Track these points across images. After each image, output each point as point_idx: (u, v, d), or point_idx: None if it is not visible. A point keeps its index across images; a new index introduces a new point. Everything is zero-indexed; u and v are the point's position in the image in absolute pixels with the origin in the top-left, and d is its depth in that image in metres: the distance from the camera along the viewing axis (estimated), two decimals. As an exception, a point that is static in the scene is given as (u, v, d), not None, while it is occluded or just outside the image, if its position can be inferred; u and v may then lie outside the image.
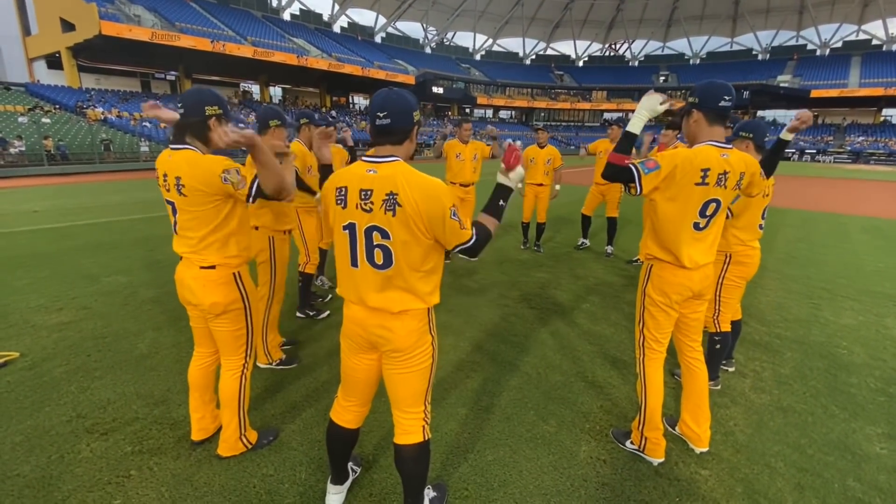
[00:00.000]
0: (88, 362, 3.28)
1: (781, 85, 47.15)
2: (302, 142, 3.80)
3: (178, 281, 2.19)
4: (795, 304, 4.71)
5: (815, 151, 41.88)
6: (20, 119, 21.93)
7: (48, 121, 22.41)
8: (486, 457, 2.39)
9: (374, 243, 1.57)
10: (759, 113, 53.15)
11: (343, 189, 1.60)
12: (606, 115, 59.62)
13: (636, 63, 63.44)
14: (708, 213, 2.12)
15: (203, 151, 2.11)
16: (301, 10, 46.26)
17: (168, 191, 2.08)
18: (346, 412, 1.90)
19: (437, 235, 1.58)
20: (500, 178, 1.75)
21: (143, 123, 25.77)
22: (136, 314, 4.13)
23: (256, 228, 3.05)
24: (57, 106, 25.25)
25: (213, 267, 2.12)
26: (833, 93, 43.76)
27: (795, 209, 11.65)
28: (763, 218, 2.88)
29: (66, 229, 7.72)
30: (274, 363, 3.25)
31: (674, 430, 2.63)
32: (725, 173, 2.07)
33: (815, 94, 44.16)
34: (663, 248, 2.20)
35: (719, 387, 3.09)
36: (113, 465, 2.28)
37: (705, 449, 2.48)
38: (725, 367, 3.31)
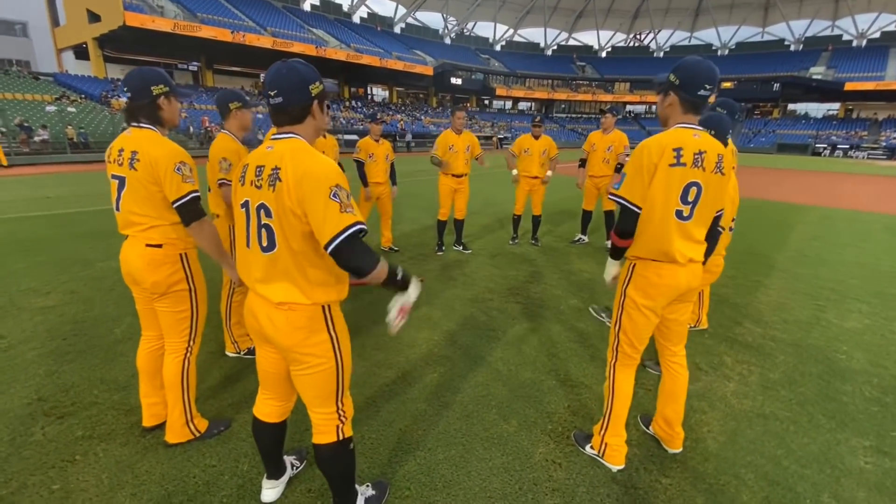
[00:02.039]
0: (63, 346, 3.31)
1: (814, 77, 45.15)
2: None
3: (122, 259, 2.16)
4: (798, 305, 4.47)
5: (847, 147, 40.08)
6: (48, 108, 22.58)
7: (73, 110, 23.04)
8: (436, 455, 2.31)
9: (262, 222, 1.49)
10: (790, 106, 51.21)
11: (246, 166, 1.54)
12: (629, 108, 58.27)
13: (661, 54, 61.61)
14: (689, 198, 1.94)
15: (162, 133, 2.11)
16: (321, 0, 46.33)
17: (120, 165, 2.05)
18: (265, 405, 1.83)
19: (314, 219, 1.41)
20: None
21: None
22: (119, 300, 4.17)
23: (217, 217, 3.01)
24: (83, 95, 25.93)
25: (159, 245, 2.08)
26: (869, 86, 41.66)
27: (815, 206, 11.13)
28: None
29: (73, 215, 7.89)
30: (242, 352, 3.22)
31: (648, 429, 2.52)
32: (702, 152, 1.90)
33: (849, 86, 42.15)
34: (648, 244, 2.03)
35: None
36: (61, 449, 2.28)
37: (679, 450, 2.37)
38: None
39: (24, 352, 3.21)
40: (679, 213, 1.96)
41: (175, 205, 2.02)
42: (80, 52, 32.10)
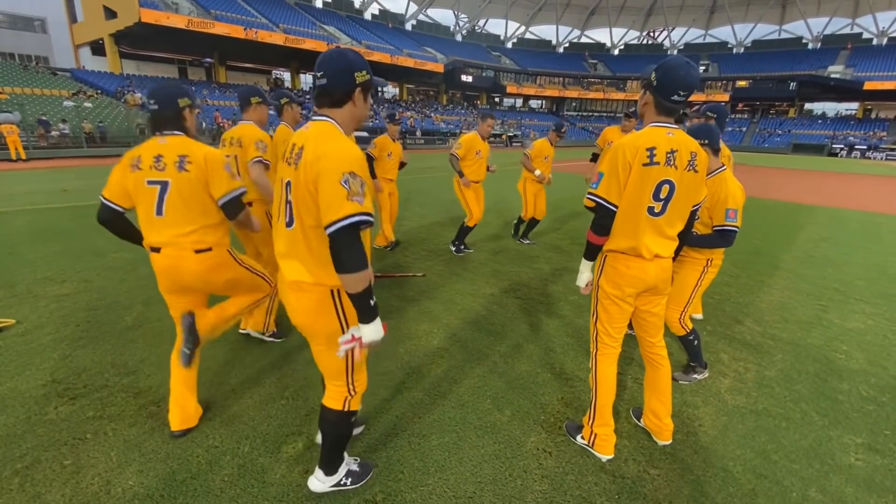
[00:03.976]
0: (76, 332, 3.44)
1: (832, 76, 44.35)
2: (286, 123, 3.60)
3: (172, 270, 2.22)
4: (800, 305, 4.46)
5: (865, 147, 39.32)
6: (66, 103, 23.03)
7: (90, 105, 23.46)
8: (430, 442, 2.38)
9: (287, 198, 1.58)
10: (807, 106, 50.35)
11: (290, 145, 1.62)
12: (641, 106, 57.61)
13: (675, 51, 60.89)
14: (662, 195, 2.01)
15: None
16: (333, -4, 46.55)
17: (161, 170, 2.12)
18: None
19: (321, 199, 1.44)
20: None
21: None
22: (131, 289, 4.30)
23: (250, 204, 3.14)
24: (99, 91, 26.39)
25: (209, 249, 2.20)
26: (889, 85, 40.78)
27: (826, 206, 10.99)
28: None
29: (88, 208, 8.08)
30: (266, 334, 3.33)
31: (639, 422, 2.57)
32: (674, 151, 1.97)
33: (868, 85, 41.34)
34: (618, 238, 2.11)
35: (707, 373, 3.08)
36: (73, 427, 2.39)
37: (668, 441, 2.42)
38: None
39: (40, 337, 3.34)
40: (651, 210, 2.03)
41: (222, 201, 2.17)
42: (97, 48, 32.68)
